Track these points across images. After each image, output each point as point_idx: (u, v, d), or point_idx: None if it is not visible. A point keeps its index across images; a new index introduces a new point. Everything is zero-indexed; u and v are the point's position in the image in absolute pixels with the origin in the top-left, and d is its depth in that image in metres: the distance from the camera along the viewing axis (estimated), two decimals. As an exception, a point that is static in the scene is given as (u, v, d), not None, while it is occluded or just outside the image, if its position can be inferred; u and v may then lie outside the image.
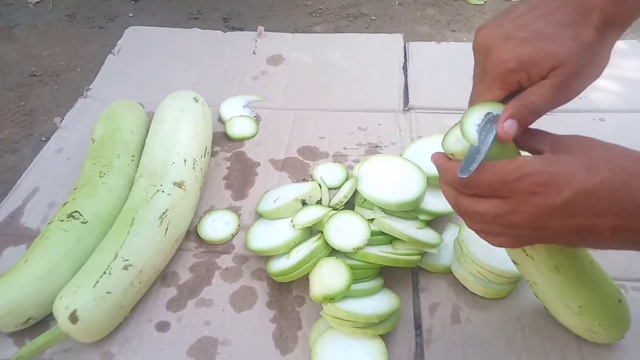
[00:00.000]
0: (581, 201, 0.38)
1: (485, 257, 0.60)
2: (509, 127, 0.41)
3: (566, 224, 0.39)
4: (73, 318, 0.56)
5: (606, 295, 0.54)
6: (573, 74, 0.42)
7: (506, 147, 0.43)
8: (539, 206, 0.39)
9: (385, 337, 0.58)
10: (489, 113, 0.43)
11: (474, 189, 0.41)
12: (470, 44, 0.47)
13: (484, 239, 0.45)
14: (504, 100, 0.44)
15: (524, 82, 0.43)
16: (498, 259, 0.60)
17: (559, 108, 0.44)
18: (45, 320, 0.62)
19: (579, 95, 0.44)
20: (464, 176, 0.40)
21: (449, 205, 0.67)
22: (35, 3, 1.40)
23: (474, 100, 0.46)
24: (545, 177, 0.38)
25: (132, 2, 1.41)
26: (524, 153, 0.44)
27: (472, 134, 0.42)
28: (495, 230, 0.42)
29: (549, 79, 0.42)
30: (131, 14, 1.36)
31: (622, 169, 0.38)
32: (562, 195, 0.38)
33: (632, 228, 0.39)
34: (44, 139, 0.95)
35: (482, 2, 1.34)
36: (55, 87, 1.10)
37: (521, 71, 0.43)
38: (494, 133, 0.42)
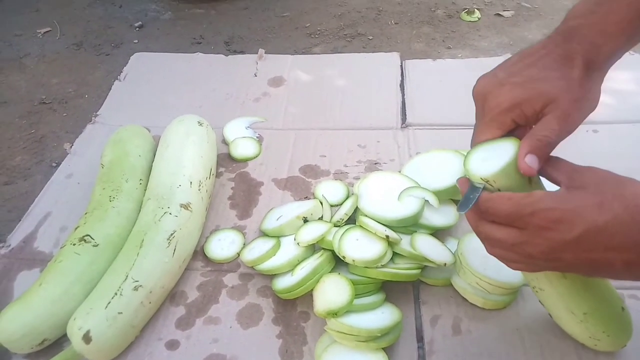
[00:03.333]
0: (593, 237, 0.40)
1: (483, 269, 0.62)
2: (531, 161, 0.44)
3: (579, 257, 0.41)
4: (86, 338, 0.58)
5: (610, 302, 0.56)
6: (570, 105, 0.45)
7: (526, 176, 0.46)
8: (551, 240, 0.41)
9: (388, 350, 0.60)
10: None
11: (492, 217, 0.44)
12: (465, 60, 0.50)
13: (504, 263, 0.47)
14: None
15: (519, 120, 0.47)
16: (496, 270, 0.62)
17: None
18: (60, 342, 0.64)
19: None
20: (462, 212, 0.44)
21: (448, 220, 0.70)
22: (44, 33, 1.44)
23: (474, 139, 0.50)
24: (557, 214, 0.40)
25: (137, 29, 1.45)
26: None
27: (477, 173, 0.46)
28: (512, 257, 0.45)
29: (549, 113, 0.45)
30: (136, 41, 1.40)
31: (634, 205, 0.39)
32: (573, 231, 0.40)
33: None
34: (54, 164, 0.98)
35: (476, 19, 1.38)
36: (64, 114, 1.13)
37: (515, 110, 0.47)
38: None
